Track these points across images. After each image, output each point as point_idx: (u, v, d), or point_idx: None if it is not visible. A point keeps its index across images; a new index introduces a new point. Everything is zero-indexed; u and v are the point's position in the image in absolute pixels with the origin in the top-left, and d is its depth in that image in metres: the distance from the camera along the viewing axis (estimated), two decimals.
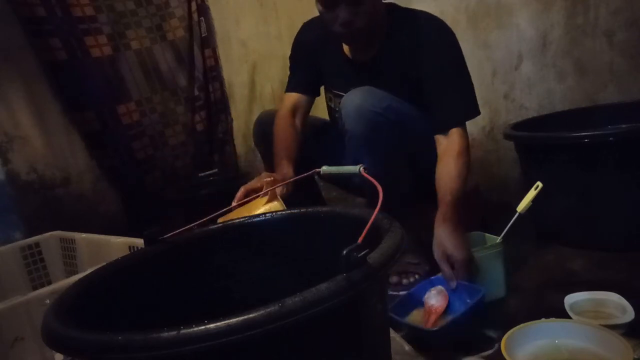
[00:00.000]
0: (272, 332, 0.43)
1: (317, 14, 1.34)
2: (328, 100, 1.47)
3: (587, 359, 0.80)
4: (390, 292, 1.22)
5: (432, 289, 1.03)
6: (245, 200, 1.07)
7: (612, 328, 0.83)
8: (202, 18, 2.47)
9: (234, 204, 1.07)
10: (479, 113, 1.25)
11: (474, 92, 1.24)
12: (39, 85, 1.97)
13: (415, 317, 1.04)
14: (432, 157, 1.29)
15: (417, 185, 1.28)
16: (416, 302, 1.05)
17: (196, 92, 2.48)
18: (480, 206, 1.51)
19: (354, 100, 1.15)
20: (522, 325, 0.86)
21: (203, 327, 0.42)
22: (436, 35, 1.22)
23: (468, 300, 0.97)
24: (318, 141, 1.45)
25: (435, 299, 1.01)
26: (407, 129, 1.19)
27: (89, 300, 0.64)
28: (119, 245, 1.30)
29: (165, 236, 0.79)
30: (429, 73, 1.21)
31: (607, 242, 1.27)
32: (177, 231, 0.79)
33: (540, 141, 1.36)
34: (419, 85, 1.22)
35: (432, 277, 1.11)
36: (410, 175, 1.26)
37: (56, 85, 2.01)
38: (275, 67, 2.36)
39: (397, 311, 1.01)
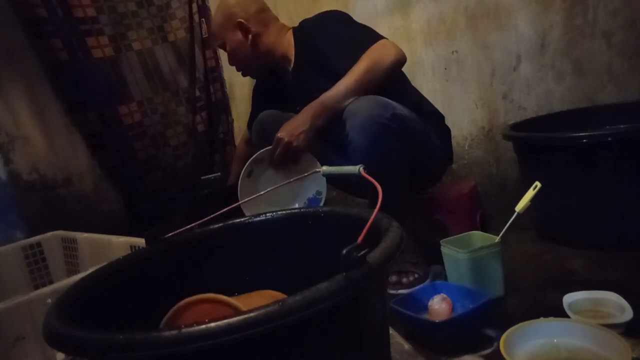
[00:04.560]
0: (272, 331, 0.43)
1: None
2: None
3: (585, 358, 0.80)
4: (390, 292, 1.22)
5: (436, 296, 1.04)
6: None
7: (611, 327, 0.83)
8: (203, 19, 2.47)
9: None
10: (379, 36, 1.30)
11: (369, 30, 1.33)
12: (40, 85, 1.97)
13: None
14: (431, 158, 1.30)
15: (418, 187, 1.29)
16: (417, 303, 1.05)
17: (197, 93, 2.48)
18: (478, 206, 1.52)
19: (360, 111, 1.15)
20: (520, 324, 0.87)
21: (204, 326, 0.43)
22: (320, 18, 1.40)
23: (471, 306, 0.98)
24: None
25: (439, 305, 1.02)
26: (410, 135, 1.20)
27: (90, 299, 0.64)
28: (120, 244, 1.31)
29: (166, 236, 0.79)
30: (324, 42, 1.33)
31: (605, 241, 1.28)
32: (178, 231, 0.80)
33: (538, 141, 1.37)
34: (335, 71, 1.27)
35: (436, 282, 1.12)
36: (410, 177, 1.26)
37: (57, 85, 2.01)
38: None
39: (399, 306, 1.01)
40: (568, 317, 0.92)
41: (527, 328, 0.86)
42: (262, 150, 1.32)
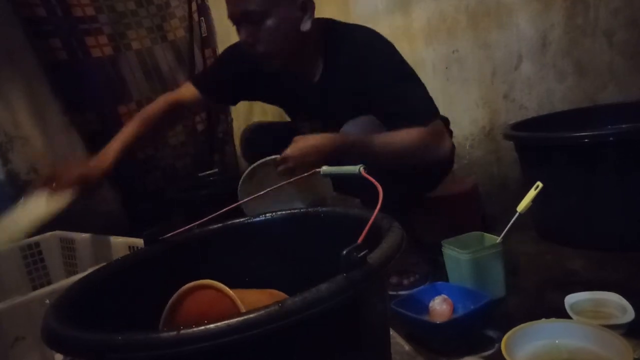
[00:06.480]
0: (272, 332, 0.43)
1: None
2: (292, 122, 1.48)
3: (587, 359, 0.80)
4: (391, 292, 1.22)
5: (437, 297, 1.04)
6: None
7: (612, 328, 0.83)
8: (203, 18, 2.47)
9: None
10: (436, 110, 1.19)
11: (426, 93, 1.20)
12: (39, 85, 1.97)
13: None
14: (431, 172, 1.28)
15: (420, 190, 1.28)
16: (418, 304, 1.05)
17: None
18: (480, 206, 1.51)
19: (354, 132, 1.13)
20: (522, 325, 0.86)
21: (203, 327, 0.42)
22: (374, 48, 1.20)
23: (472, 307, 0.98)
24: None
25: (440, 306, 1.02)
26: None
27: (89, 300, 0.64)
28: (119, 245, 1.30)
29: (165, 236, 0.79)
30: (374, 87, 1.17)
31: (607, 242, 1.27)
32: (177, 231, 0.79)
33: (540, 141, 1.36)
34: (366, 99, 1.19)
35: (437, 283, 1.12)
36: (408, 186, 1.23)
37: (57, 85, 2.01)
38: None
39: (400, 307, 1.01)
40: (569, 317, 0.92)
41: (529, 329, 0.86)
42: (268, 158, 1.21)
